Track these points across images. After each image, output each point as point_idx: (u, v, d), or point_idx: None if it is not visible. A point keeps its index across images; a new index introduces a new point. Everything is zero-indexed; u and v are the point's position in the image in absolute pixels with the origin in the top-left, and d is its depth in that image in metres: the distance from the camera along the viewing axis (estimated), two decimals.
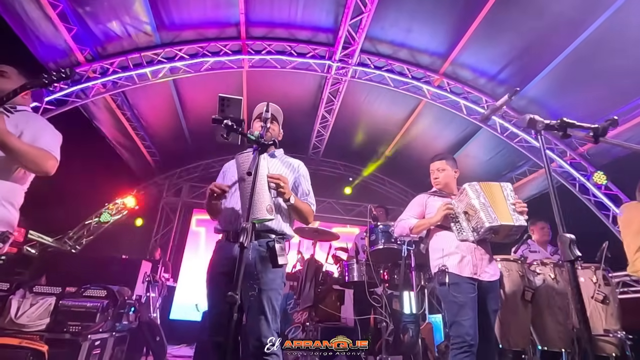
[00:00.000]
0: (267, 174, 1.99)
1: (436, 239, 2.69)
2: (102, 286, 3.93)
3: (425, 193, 2.91)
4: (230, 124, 1.54)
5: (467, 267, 2.48)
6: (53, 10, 4.70)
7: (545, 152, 1.74)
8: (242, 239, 1.62)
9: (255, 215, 1.88)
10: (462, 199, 2.58)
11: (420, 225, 2.68)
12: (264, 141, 1.64)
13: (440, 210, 2.57)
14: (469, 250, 2.53)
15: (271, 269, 2.05)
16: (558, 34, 5.17)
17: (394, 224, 2.85)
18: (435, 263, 2.62)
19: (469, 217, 2.53)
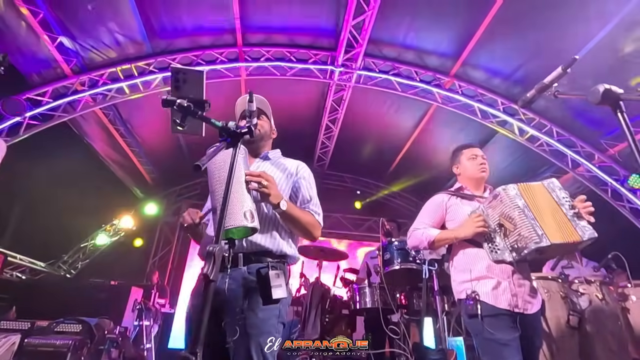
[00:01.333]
0: (246, 172, 1.50)
1: (462, 257, 2.15)
2: (77, 319, 3.45)
3: (444, 192, 2.33)
4: (185, 104, 1.07)
5: (504, 296, 1.94)
6: (34, 18, 4.38)
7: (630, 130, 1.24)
8: (207, 269, 1.13)
9: (229, 224, 1.38)
10: (496, 206, 1.98)
11: (442, 240, 2.13)
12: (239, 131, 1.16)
13: (470, 225, 2.01)
14: (505, 273, 2.00)
15: (262, 306, 1.53)
16: (581, 25, 4.71)
17: (408, 234, 2.29)
18: (460, 287, 2.08)
19: (505, 232, 1.93)
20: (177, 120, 1.10)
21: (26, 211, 6.73)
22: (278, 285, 1.56)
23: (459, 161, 2.41)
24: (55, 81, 5.16)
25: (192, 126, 1.16)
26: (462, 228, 2.04)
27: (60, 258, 8.13)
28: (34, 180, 6.17)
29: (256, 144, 1.88)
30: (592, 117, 5.69)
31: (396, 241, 3.20)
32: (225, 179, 1.46)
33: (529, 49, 5.23)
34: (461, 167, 2.38)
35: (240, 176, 1.46)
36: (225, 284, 1.54)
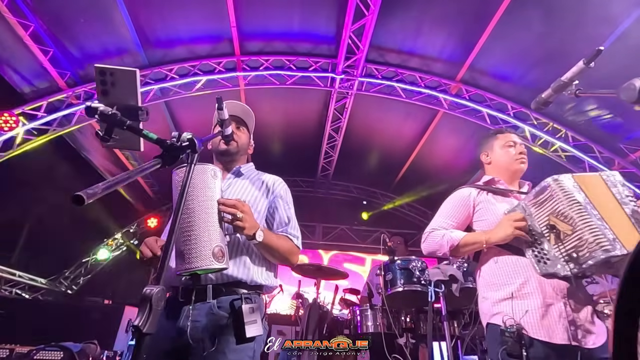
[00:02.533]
0: (218, 200, 1.30)
1: (495, 267, 1.63)
2: (58, 346, 3.23)
3: (471, 186, 1.85)
4: (109, 112, 0.84)
5: (560, 326, 1.43)
6: (24, 31, 4.29)
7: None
8: (140, 320, 0.89)
9: (195, 265, 1.20)
10: (544, 202, 1.47)
11: (468, 244, 1.64)
12: (180, 144, 0.93)
13: (506, 226, 1.52)
14: (558, 292, 1.49)
15: (234, 346, 1.31)
16: (594, 25, 4.42)
17: (424, 236, 1.80)
18: (493, 309, 1.57)
19: (558, 236, 1.41)
20: (101, 132, 0.87)
21: (25, 227, 6.65)
22: (252, 321, 1.36)
23: (490, 147, 1.94)
24: (49, 95, 5.07)
25: (125, 139, 0.94)
26: (497, 230, 1.56)
27: (62, 274, 8.01)
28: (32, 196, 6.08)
29: (230, 158, 1.65)
30: (611, 120, 5.35)
31: (399, 260, 2.92)
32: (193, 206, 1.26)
33: (539, 50, 4.96)
34: (493, 154, 1.91)
35: (212, 206, 1.27)
36: (188, 321, 1.33)
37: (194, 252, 1.20)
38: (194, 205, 1.24)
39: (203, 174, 1.29)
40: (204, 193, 1.27)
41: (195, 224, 1.23)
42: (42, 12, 4.31)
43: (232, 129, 1.51)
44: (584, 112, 5.49)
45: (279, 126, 7.08)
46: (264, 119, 6.62)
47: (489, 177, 1.89)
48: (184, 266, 1.22)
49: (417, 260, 2.90)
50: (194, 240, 1.21)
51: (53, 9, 4.34)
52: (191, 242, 1.21)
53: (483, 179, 1.92)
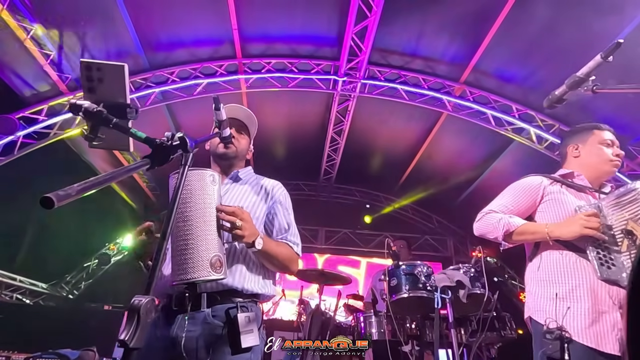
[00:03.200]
0: (217, 207, 1.25)
1: (553, 263, 1.53)
2: (55, 353, 3.17)
3: (544, 175, 1.72)
4: (94, 110, 0.78)
5: (612, 336, 1.35)
6: (25, 34, 4.27)
7: None
8: (126, 334, 0.82)
9: (192, 275, 1.15)
10: (625, 205, 1.38)
11: (527, 232, 1.54)
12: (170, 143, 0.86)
13: (576, 222, 1.42)
14: (616, 300, 1.40)
15: (230, 357, 1.27)
16: (600, 24, 4.34)
17: (479, 215, 1.71)
18: (539, 305, 1.50)
19: (634, 242, 1.33)
20: (86, 131, 0.81)
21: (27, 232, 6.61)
22: (249, 330, 1.31)
23: (584, 141, 1.77)
24: (50, 98, 5.05)
25: (113, 139, 0.88)
26: (564, 224, 1.47)
27: (63, 278, 7.96)
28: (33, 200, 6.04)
29: (228, 162, 1.60)
30: (618, 121, 5.24)
31: (404, 265, 2.84)
32: (191, 214, 1.20)
33: (544, 51, 4.88)
34: (585, 149, 1.74)
35: (210, 213, 1.22)
36: (183, 332, 1.27)
37: (190, 262, 1.15)
38: (192, 212, 1.19)
39: (202, 180, 1.23)
40: (202, 200, 1.22)
41: (193, 232, 1.17)
42: (42, 14, 4.28)
43: (232, 132, 1.47)
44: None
45: (281, 129, 7.03)
46: (265, 122, 6.57)
47: (568, 171, 1.74)
48: (180, 276, 1.16)
49: (422, 265, 2.82)
50: (191, 250, 1.16)
51: (53, 11, 4.31)
52: (188, 252, 1.16)
53: (560, 171, 1.78)
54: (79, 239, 7.42)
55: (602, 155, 1.69)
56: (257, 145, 1.85)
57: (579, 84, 1.32)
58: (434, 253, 8.68)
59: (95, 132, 0.81)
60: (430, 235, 8.99)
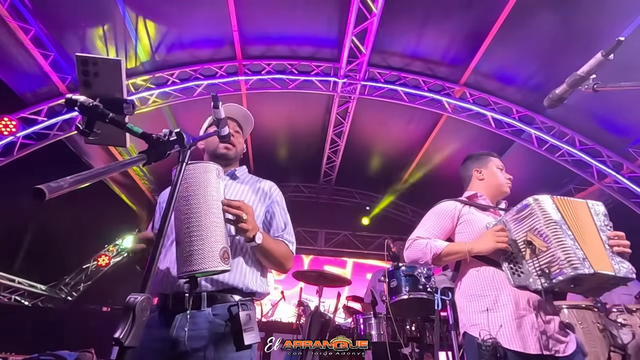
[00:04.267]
0: (223, 200, 1.25)
1: (474, 279, 1.71)
2: (53, 355, 3.14)
3: (455, 200, 1.94)
4: (90, 104, 0.77)
5: (533, 337, 1.51)
6: (25, 35, 4.27)
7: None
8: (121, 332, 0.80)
9: (203, 266, 1.13)
10: (523, 219, 1.58)
11: (451, 253, 1.72)
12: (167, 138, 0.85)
13: (489, 238, 1.61)
14: (531, 304, 1.58)
15: (233, 354, 1.27)
16: (601, 26, 4.35)
17: (407, 243, 1.89)
18: (471, 320, 1.65)
19: (534, 251, 1.51)
20: (81, 126, 0.80)
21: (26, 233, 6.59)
22: (250, 328, 1.32)
23: (485, 166, 2.03)
24: (50, 99, 5.05)
25: (109, 135, 0.86)
26: (480, 241, 1.65)
27: (62, 280, 7.93)
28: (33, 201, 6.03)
29: (226, 162, 1.60)
30: (618, 123, 5.25)
31: (404, 266, 2.82)
32: (199, 205, 1.20)
33: (544, 53, 4.88)
34: (487, 172, 2.01)
35: (217, 206, 1.22)
36: (183, 331, 1.26)
37: (200, 252, 1.14)
38: (200, 204, 1.18)
39: (208, 173, 1.23)
40: (209, 192, 1.21)
41: (202, 224, 1.17)
42: (42, 16, 4.29)
43: (230, 131, 1.46)
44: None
45: (280, 131, 7.03)
46: (265, 124, 6.57)
47: (472, 192, 1.97)
48: (187, 267, 1.15)
49: (422, 267, 2.80)
50: (200, 241, 1.15)
51: (54, 13, 4.32)
52: (197, 243, 1.15)
53: (465, 194, 2.02)
54: (78, 241, 7.41)
55: (501, 177, 1.98)
56: (257, 146, 1.85)
57: (580, 83, 1.31)
58: None
59: (91, 127, 0.80)
60: None
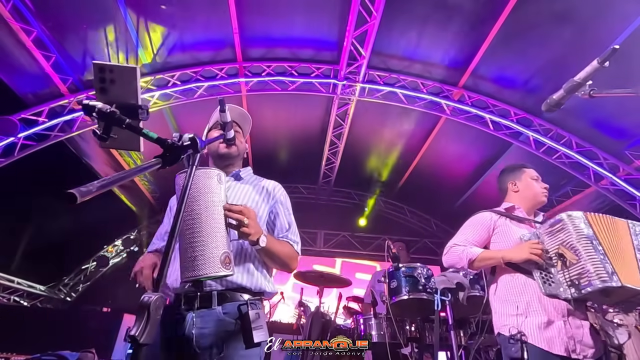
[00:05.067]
0: (224, 206, 1.27)
1: (508, 284, 1.86)
2: (55, 355, 3.16)
3: (492, 211, 2.06)
4: (107, 110, 0.80)
5: (559, 340, 1.65)
6: (27, 37, 4.29)
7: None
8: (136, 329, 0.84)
9: (203, 271, 1.17)
10: (556, 233, 1.71)
11: (486, 259, 1.87)
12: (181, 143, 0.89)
13: (524, 249, 1.74)
14: (559, 311, 1.71)
15: (243, 352, 1.30)
16: (599, 29, 4.40)
17: (445, 249, 2.05)
18: (503, 321, 1.81)
19: (565, 263, 1.65)
20: (99, 131, 0.83)
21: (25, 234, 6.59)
22: (259, 326, 1.35)
23: (519, 178, 2.15)
24: (51, 100, 5.07)
25: (124, 139, 0.90)
26: (515, 250, 1.79)
27: (61, 281, 7.93)
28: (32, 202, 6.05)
29: (230, 161, 1.63)
30: (615, 126, 5.31)
31: (404, 267, 2.85)
32: (199, 212, 1.22)
33: (543, 55, 4.93)
34: (522, 184, 2.12)
35: (218, 211, 1.24)
36: (193, 329, 1.30)
37: (200, 258, 1.17)
38: (200, 210, 1.21)
39: (209, 179, 1.25)
40: (210, 198, 1.24)
41: (203, 229, 1.20)
42: (44, 18, 4.31)
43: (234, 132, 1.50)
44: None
45: (280, 132, 7.06)
46: (265, 126, 6.60)
47: (510, 204, 2.08)
48: (189, 273, 1.18)
49: (422, 267, 2.84)
50: (201, 247, 1.18)
51: (56, 14, 4.35)
52: (198, 249, 1.18)
53: (503, 205, 2.13)
54: (77, 242, 7.41)
55: (537, 187, 2.08)
56: (257, 148, 1.88)
57: (577, 89, 1.35)
58: (432, 257, 8.68)
59: (108, 132, 0.83)
60: (428, 238, 9.01)
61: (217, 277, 1.24)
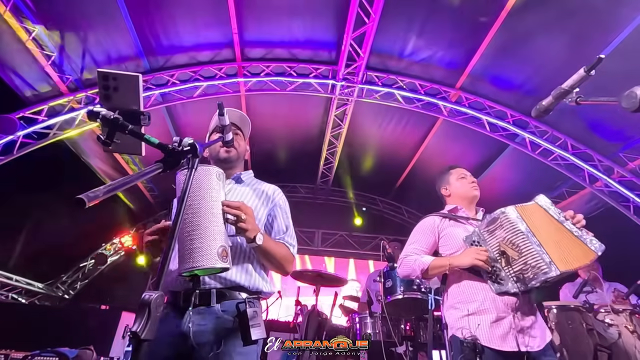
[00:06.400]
0: (223, 201, 1.31)
1: (458, 288, 1.90)
2: (54, 352, 3.21)
3: (435, 214, 2.13)
4: (111, 117, 0.84)
5: (509, 336, 1.68)
6: (27, 35, 4.32)
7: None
8: (138, 326, 0.88)
9: (199, 263, 1.19)
10: (494, 230, 1.78)
11: (436, 267, 1.91)
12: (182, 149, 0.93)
13: (470, 254, 1.79)
14: (508, 306, 1.74)
15: (240, 349, 1.34)
16: (594, 33, 4.45)
17: (398, 261, 2.10)
18: (456, 324, 1.82)
19: (508, 260, 1.71)
20: (102, 136, 0.87)
21: (24, 231, 6.62)
22: (257, 324, 1.39)
23: (447, 182, 2.26)
24: (50, 99, 5.09)
25: (127, 144, 0.94)
26: (461, 257, 1.84)
27: (59, 279, 7.95)
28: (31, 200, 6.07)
29: (229, 165, 1.66)
30: (609, 129, 5.37)
31: None
32: (199, 206, 1.26)
33: (539, 58, 4.99)
34: (451, 187, 2.23)
35: (216, 206, 1.28)
36: (190, 326, 1.33)
37: (198, 250, 1.20)
38: (199, 205, 1.25)
39: (208, 176, 1.29)
40: (209, 193, 1.27)
41: (201, 223, 1.23)
42: (44, 16, 4.33)
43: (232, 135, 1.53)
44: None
45: (279, 132, 7.10)
46: (264, 125, 6.64)
47: (452, 206, 2.15)
48: (187, 265, 1.21)
49: None
50: (199, 239, 1.21)
51: (56, 13, 4.37)
52: (196, 241, 1.21)
53: (446, 207, 2.20)
54: (75, 239, 7.44)
55: (463, 185, 2.16)
56: (255, 147, 1.91)
57: (564, 95, 1.40)
58: None
59: (112, 137, 0.87)
60: None
61: (215, 270, 1.26)
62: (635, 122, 5.00)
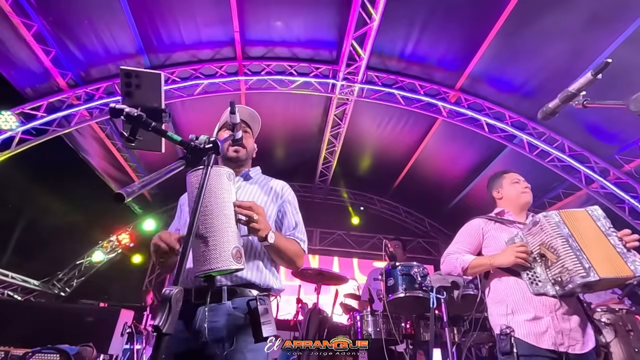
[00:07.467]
0: (234, 202, 1.32)
1: (498, 287, 1.97)
2: (55, 349, 3.19)
3: (481, 217, 2.19)
4: (135, 114, 0.86)
5: (547, 335, 1.72)
6: (27, 31, 4.29)
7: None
8: (160, 320, 0.89)
9: (214, 265, 1.21)
10: (536, 234, 1.82)
11: (477, 266, 1.99)
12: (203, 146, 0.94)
13: (510, 253, 1.85)
14: (547, 308, 1.78)
15: (252, 346, 1.35)
16: (595, 33, 4.50)
17: (442, 258, 2.19)
18: (496, 321, 1.91)
19: (547, 263, 1.75)
20: (126, 133, 0.88)
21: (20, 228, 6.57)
22: (268, 321, 1.40)
23: (500, 185, 2.29)
24: (50, 95, 5.06)
25: (148, 141, 0.95)
26: (501, 255, 1.90)
27: (55, 276, 7.90)
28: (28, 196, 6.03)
29: (239, 163, 1.67)
30: (606, 131, 5.44)
31: (400, 265, 2.93)
32: (211, 208, 1.26)
33: (538, 60, 5.03)
34: (504, 191, 2.26)
35: (229, 207, 1.29)
36: (205, 322, 1.35)
37: (213, 253, 1.21)
38: (212, 207, 1.25)
39: (219, 177, 1.30)
40: (220, 195, 1.28)
41: (214, 225, 1.24)
42: (45, 12, 4.31)
43: None
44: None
45: (278, 131, 7.11)
46: (263, 123, 6.51)
47: (500, 209, 2.21)
48: (202, 267, 1.22)
49: (418, 266, 2.92)
50: (213, 242, 1.23)
51: (57, 9, 4.34)
52: (210, 244, 1.22)
53: (495, 210, 2.25)
54: (72, 237, 7.40)
55: (516, 190, 2.19)
56: None
57: (571, 99, 1.43)
58: (426, 256, 8.80)
59: (135, 134, 0.88)
60: (422, 238, 9.14)
61: (229, 271, 1.26)
62: (631, 125, 5.07)
